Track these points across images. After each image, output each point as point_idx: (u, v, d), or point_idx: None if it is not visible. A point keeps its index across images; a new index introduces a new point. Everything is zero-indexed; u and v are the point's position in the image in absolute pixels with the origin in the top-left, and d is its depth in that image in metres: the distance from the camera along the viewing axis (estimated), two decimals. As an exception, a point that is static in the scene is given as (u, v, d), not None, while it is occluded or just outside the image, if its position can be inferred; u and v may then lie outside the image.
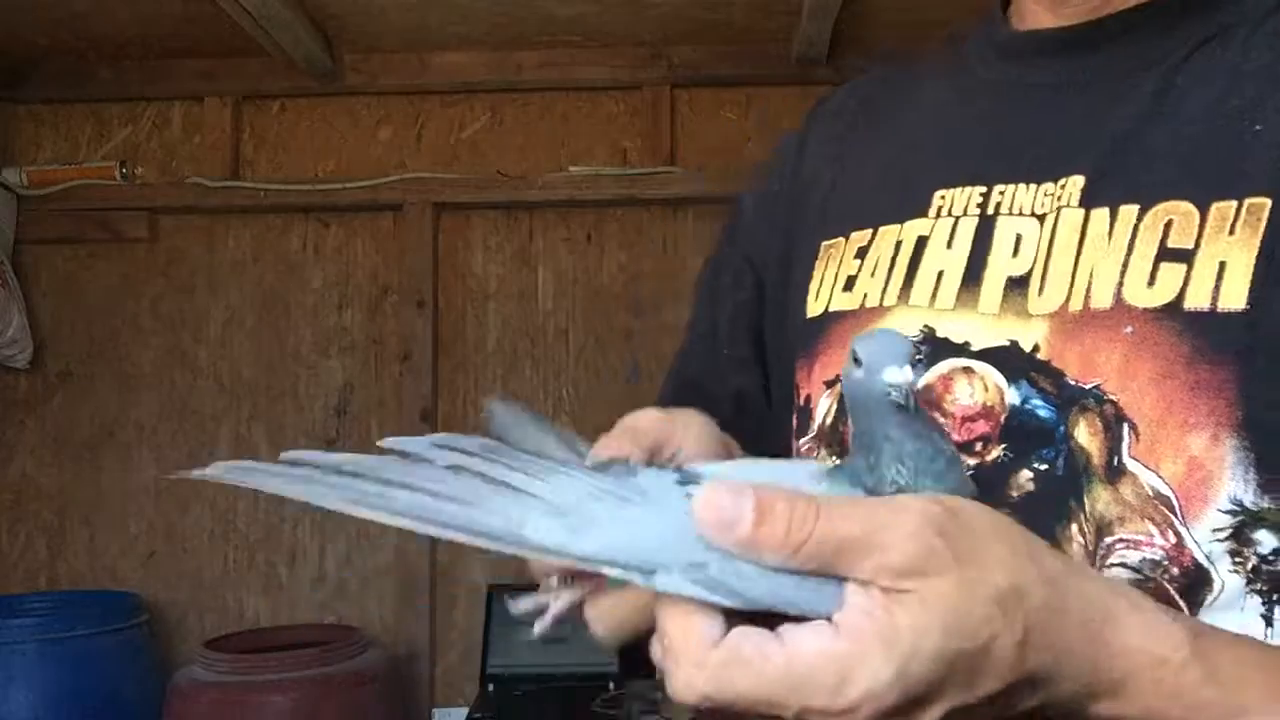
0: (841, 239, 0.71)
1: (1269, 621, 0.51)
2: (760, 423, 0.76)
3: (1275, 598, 0.51)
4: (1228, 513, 0.51)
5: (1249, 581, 0.51)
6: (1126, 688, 0.43)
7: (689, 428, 0.58)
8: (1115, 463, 0.54)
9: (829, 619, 0.40)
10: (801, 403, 0.70)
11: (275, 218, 2.84)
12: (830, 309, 0.69)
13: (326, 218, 2.85)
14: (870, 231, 0.69)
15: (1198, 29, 0.60)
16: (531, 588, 0.54)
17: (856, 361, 0.49)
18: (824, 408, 0.68)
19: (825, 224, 0.74)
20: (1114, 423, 0.54)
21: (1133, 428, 0.54)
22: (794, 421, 0.71)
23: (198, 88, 2.81)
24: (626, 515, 0.45)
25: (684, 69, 2.77)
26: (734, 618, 0.41)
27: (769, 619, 0.41)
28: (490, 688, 2.53)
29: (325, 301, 2.84)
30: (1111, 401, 0.54)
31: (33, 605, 2.52)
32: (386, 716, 2.41)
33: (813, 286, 0.72)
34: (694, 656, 0.41)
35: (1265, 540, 0.51)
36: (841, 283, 0.69)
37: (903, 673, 0.39)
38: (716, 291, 0.84)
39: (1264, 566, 0.51)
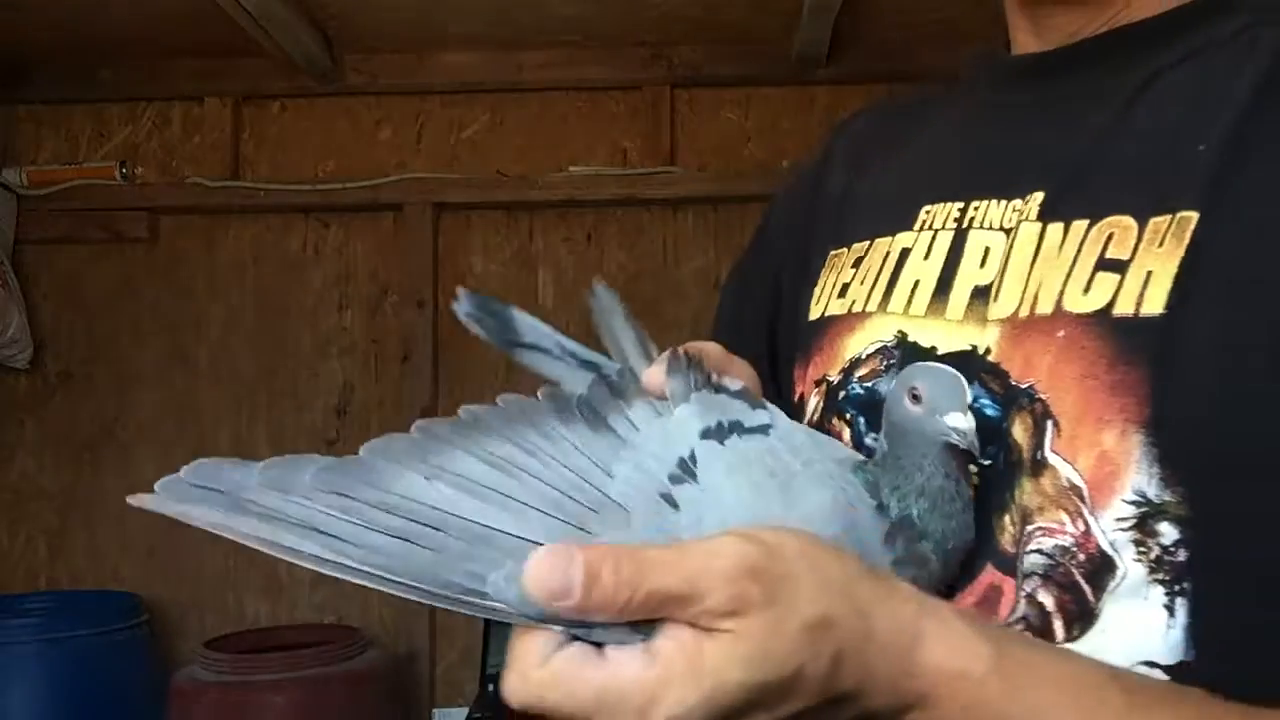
0: (845, 249, 0.76)
1: (1170, 611, 0.54)
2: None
3: (1176, 588, 0.53)
4: (1131, 503, 0.54)
5: (1151, 570, 0.54)
6: (929, 700, 0.47)
7: (745, 369, 0.65)
8: (1039, 456, 0.58)
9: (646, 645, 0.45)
10: (795, 400, 0.75)
11: (275, 218, 2.84)
12: (826, 313, 0.74)
13: (326, 218, 2.85)
14: (867, 243, 0.74)
15: (1162, 55, 0.64)
16: None
17: (915, 397, 0.55)
18: (812, 405, 0.72)
19: (835, 235, 0.78)
20: (1041, 419, 0.58)
21: (1055, 424, 0.57)
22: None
23: (198, 88, 2.81)
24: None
25: (684, 69, 2.77)
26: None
27: None
28: (490, 688, 2.53)
29: (325, 302, 2.84)
30: (1041, 400, 0.58)
31: (33, 605, 2.52)
32: (386, 716, 2.41)
33: (816, 292, 0.77)
34: (522, 668, 0.45)
35: (1167, 532, 0.53)
36: (838, 289, 0.74)
37: (708, 700, 0.43)
38: (738, 292, 0.91)
39: (1165, 557, 0.53)
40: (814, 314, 0.76)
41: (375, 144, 2.85)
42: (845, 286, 0.73)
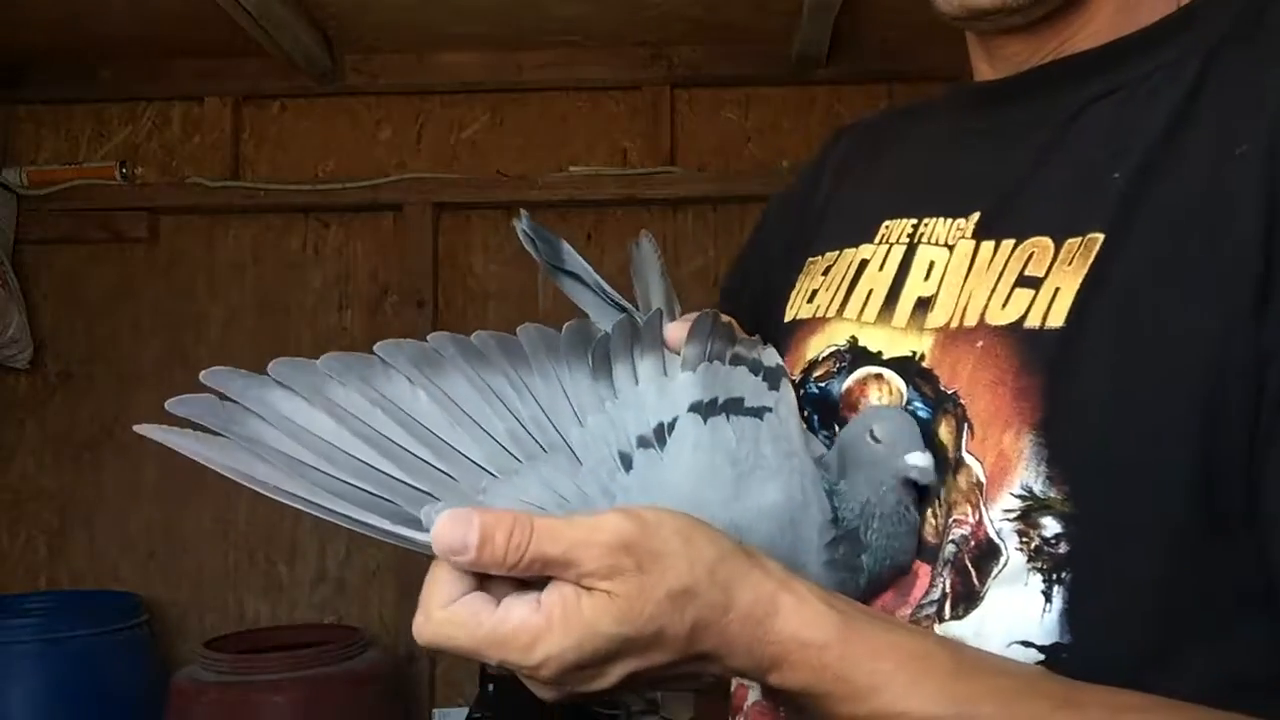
0: (819, 257, 0.82)
1: (1048, 597, 0.58)
2: None
3: (1054, 578, 0.58)
4: (1018, 496, 0.59)
5: (1030, 559, 0.59)
6: (782, 665, 0.54)
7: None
8: (958, 456, 0.63)
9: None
10: None
11: (275, 218, 2.84)
12: (797, 317, 0.80)
13: (326, 218, 2.85)
14: (836, 252, 0.80)
15: (1096, 86, 0.68)
16: None
17: (875, 438, 0.61)
18: None
19: (813, 243, 0.84)
20: (960, 422, 0.64)
21: (970, 426, 0.63)
22: None
23: (198, 88, 2.81)
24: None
25: (684, 69, 2.77)
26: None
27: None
28: (490, 688, 2.53)
29: (325, 302, 2.84)
30: (961, 404, 0.64)
31: (33, 605, 2.52)
32: (386, 716, 2.41)
33: (791, 296, 0.83)
34: (427, 608, 0.53)
35: (1050, 525, 0.59)
36: (808, 295, 0.80)
37: (578, 646, 0.50)
38: (731, 290, 0.97)
39: (1045, 548, 0.59)
40: (788, 317, 0.82)
41: (375, 144, 2.85)
42: (814, 293, 0.80)
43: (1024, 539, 0.59)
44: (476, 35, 2.64)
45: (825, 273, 0.80)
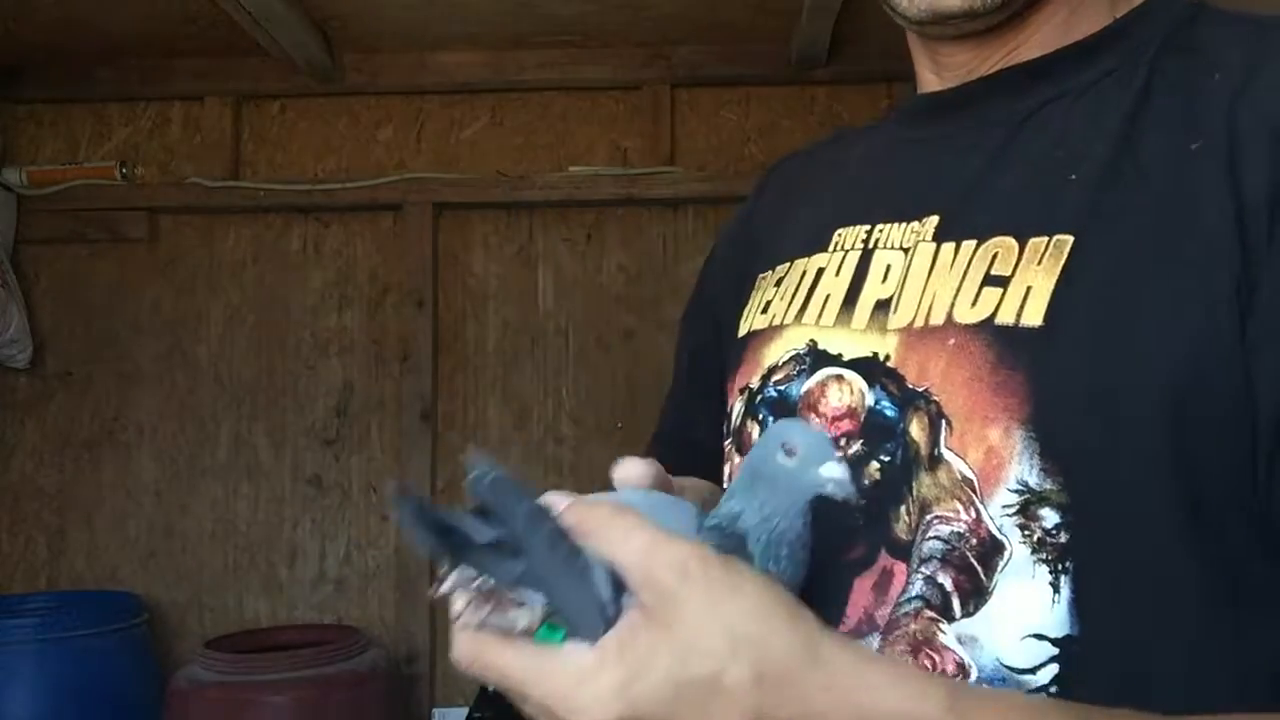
0: (770, 271, 0.84)
1: (1055, 588, 0.60)
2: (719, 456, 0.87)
3: (1060, 568, 0.60)
4: (1015, 491, 0.61)
5: (1034, 551, 0.60)
6: None
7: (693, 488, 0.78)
8: (935, 453, 0.64)
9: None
10: (728, 410, 0.82)
11: (275, 218, 2.84)
12: (752, 329, 0.82)
13: (326, 218, 2.85)
14: (788, 264, 0.82)
15: (1044, 91, 0.71)
16: None
17: (788, 451, 0.59)
18: (735, 412, 0.80)
19: (762, 261, 0.86)
20: (936, 419, 0.65)
21: (948, 423, 0.64)
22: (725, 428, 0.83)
23: (198, 88, 2.81)
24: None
25: (684, 69, 2.77)
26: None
27: None
28: (490, 688, 2.52)
29: (325, 301, 2.84)
30: (935, 402, 0.65)
31: (33, 605, 2.52)
32: (386, 716, 2.41)
33: (745, 311, 0.85)
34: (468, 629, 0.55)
35: (1048, 516, 0.60)
36: (761, 307, 0.82)
37: (628, 683, 0.49)
38: (684, 338, 1.00)
39: (1048, 539, 0.60)
40: (741, 330, 0.83)
41: (375, 144, 2.85)
42: (768, 304, 0.81)
43: (1026, 532, 0.60)
44: (476, 35, 2.64)
45: (778, 284, 0.81)
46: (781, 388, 0.75)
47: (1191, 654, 0.58)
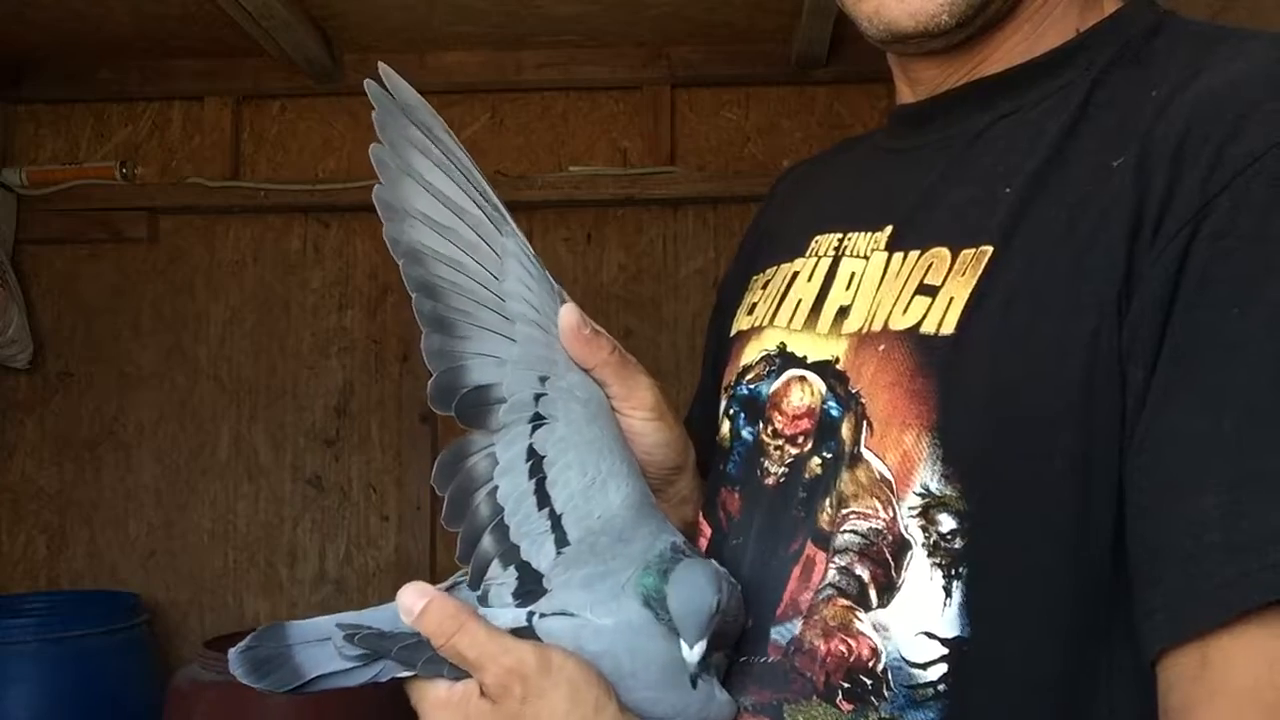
0: (760, 274, 0.88)
1: (948, 591, 0.62)
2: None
3: (952, 573, 0.63)
4: (919, 495, 0.64)
5: (930, 554, 0.63)
6: None
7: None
8: (856, 451, 0.68)
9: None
10: (721, 406, 0.86)
11: (275, 218, 2.84)
12: (739, 329, 0.86)
13: (326, 218, 2.85)
14: (774, 268, 0.86)
15: (1003, 106, 0.73)
16: None
17: (666, 610, 0.65)
18: (721, 407, 0.84)
19: (756, 265, 0.90)
20: (860, 420, 0.68)
21: (869, 424, 0.67)
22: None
23: (198, 88, 2.81)
24: None
25: (684, 69, 2.77)
26: None
27: None
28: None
29: (325, 301, 2.84)
30: (862, 404, 0.68)
31: (33, 605, 2.52)
32: (386, 716, 2.40)
33: (737, 313, 0.89)
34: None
35: (945, 522, 0.63)
36: (748, 309, 0.86)
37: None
38: (708, 341, 1.03)
39: (943, 543, 0.63)
40: (731, 331, 0.88)
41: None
42: (753, 305, 0.85)
43: (926, 534, 0.64)
44: (476, 35, 2.64)
45: (764, 287, 0.86)
46: (753, 386, 0.79)
47: (1067, 655, 0.61)
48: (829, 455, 0.70)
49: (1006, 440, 0.62)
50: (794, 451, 0.73)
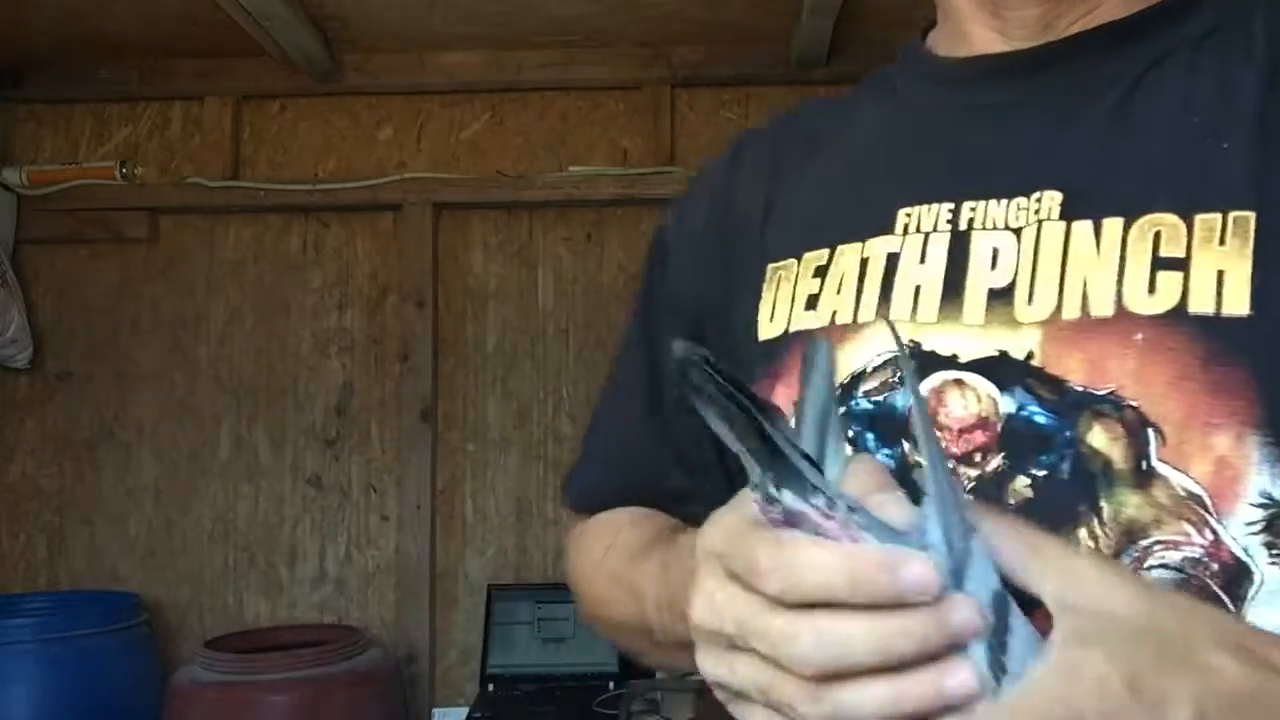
0: (793, 260, 0.71)
1: None
2: (710, 463, 0.76)
3: None
4: (1259, 506, 0.53)
5: None
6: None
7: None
8: (1144, 466, 0.55)
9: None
10: None
11: (275, 218, 2.84)
12: (794, 328, 0.69)
13: (326, 218, 2.85)
14: (827, 251, 0.69)
15: (1142, 52, 0.63)
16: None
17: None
18: None
19: (769, 248, 0.73)
20: (1137, 427, 0.55)
21: (1158, 431, 0.55)
22: None
23: (198, 88, 2.81)
24: None
25: (684, 69, 2.77)
26: None
27: None
28: (490, 688, 2.53)
29: (325, 301, 2.84)
30: (1132, 406, 0.56)
31: (33, 605, 2.52)
32: (386, 716, 2.41)
33: (764, 309, 0.71)
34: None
35: None
36: (802, 302, 0.69)
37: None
38: (635, 352, 0.84)
39: None
40: (769, 333, 0.70)
41: (375, 144, 2.85)
42: (813, 298, 0.68)
43: (1274, 551, 0.53)
44: (476, 35, 2.64)
45: (820, 274, 0.69)
46: (878, 398, 0.63)
47: None
48: (1049, 472, 0.57)
49: None
50: (973, 474, 0.59)
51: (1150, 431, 0.55)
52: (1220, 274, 0.55)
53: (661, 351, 0.78)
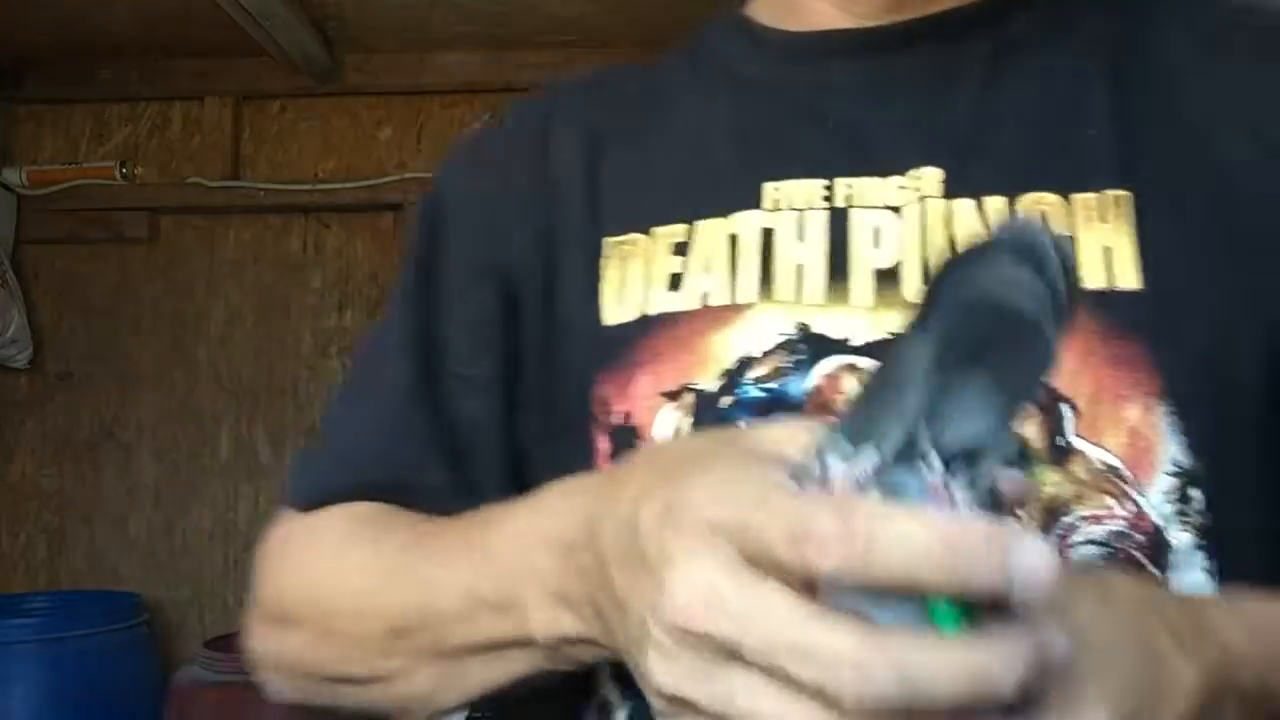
0: (638, 235, 0.66)
1: (1211, 574, 0.54)
2: (490, 455, 0.67)
3: (1211, 551, 0.54)
4: (1172, 475, 0.54)
5: (1196, 537, 0.54)
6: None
7: None
8: (1060, 443, 0.55)
9: None
10: (619, 421, 0.63)
11: (275, 218, 2.84)
12: (650, 312, 0.63)
13: (326, 218, 2.85)
14: (684, 226, 0.65)
15: (1000, 33, 0.64)
16: None
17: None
18: (667, 422, 0.61)
19: (602, 221, 0.67)
20: (1051, 404, 0.55)
21: (1073, 406, 0.55)
22: (603, 443, 0.63)
23: (198, 88, 2.81)
24: None
25: (684, 69, 2.77)
26: None
27: None
28: (490, 688, 2.53)
29: (325, 302, 2.84)
30: (1048, 386, 0.56)
31: (33, 605, 2.52)
32: (386, 716, 2.41)
33: (607, 290, 0.65)
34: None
35: (1197, 497, 0.54)
36: (662, 282, 0.64)
37: None
38: (435, 300, 0.70)
39: (1202, 522, 0.54)
40: (619, 316, 0.64)
41: (375, 144, 2.85)
42: (675, 276, 0.63)
43: (1184, 518, 0.54)
44: (476, 35, 2.64)
45: (680, 252, 0.64)
46: (771, 385, 0.59)
47: None
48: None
49: (1227, 388, 0.55)
50: None
51: (1065, 407, 0.55)
52: (1107, 250, 0.57)
53: (442, 319, 0.69)
